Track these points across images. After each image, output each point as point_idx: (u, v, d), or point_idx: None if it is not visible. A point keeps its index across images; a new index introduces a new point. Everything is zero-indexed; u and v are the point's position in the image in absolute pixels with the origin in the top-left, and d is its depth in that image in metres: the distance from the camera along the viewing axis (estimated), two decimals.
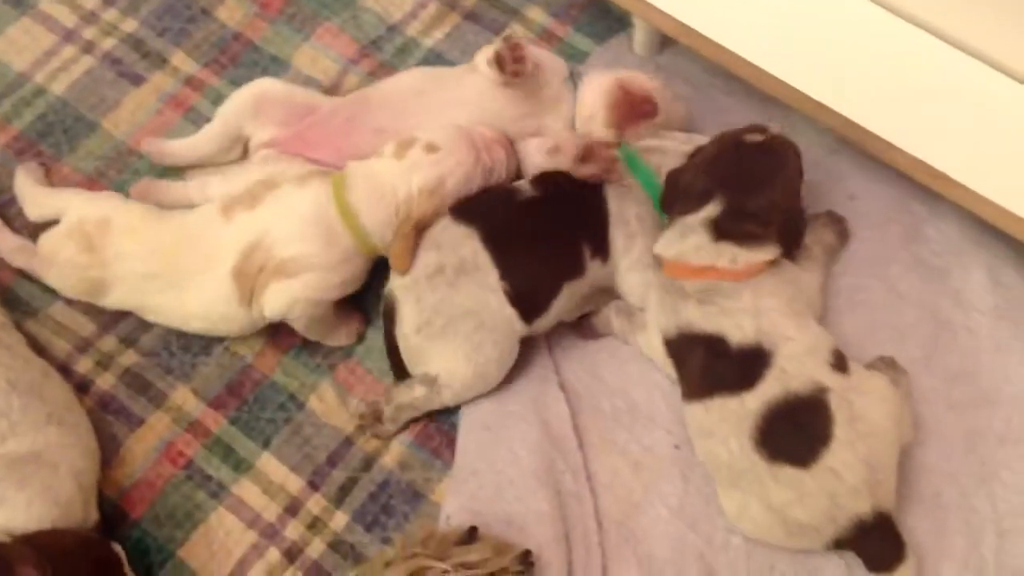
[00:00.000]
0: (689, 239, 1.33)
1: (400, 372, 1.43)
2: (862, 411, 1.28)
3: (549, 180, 1.45)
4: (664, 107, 1.51)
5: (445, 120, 1.47)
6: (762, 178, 1.33)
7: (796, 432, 1.27)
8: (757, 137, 1.35)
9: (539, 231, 1.40)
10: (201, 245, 1.40)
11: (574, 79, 1.56)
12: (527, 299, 1.38)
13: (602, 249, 1.41)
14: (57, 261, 1.43)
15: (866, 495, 1.27)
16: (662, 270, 1.37)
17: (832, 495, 1.26)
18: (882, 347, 1.43)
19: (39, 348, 1.44)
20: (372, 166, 1.43)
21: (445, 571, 1.22)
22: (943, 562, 1.33)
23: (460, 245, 1.38)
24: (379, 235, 1.41)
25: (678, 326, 1.33)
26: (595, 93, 1.50)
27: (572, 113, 1.54)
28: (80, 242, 1.41)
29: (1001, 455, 1.39)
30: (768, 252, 1.32)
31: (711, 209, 1.32)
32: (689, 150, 1.43)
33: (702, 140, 1.46)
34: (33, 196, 1.49)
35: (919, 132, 1.40)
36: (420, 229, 1.40)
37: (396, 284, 1.40)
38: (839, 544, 1.30)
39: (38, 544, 1.19)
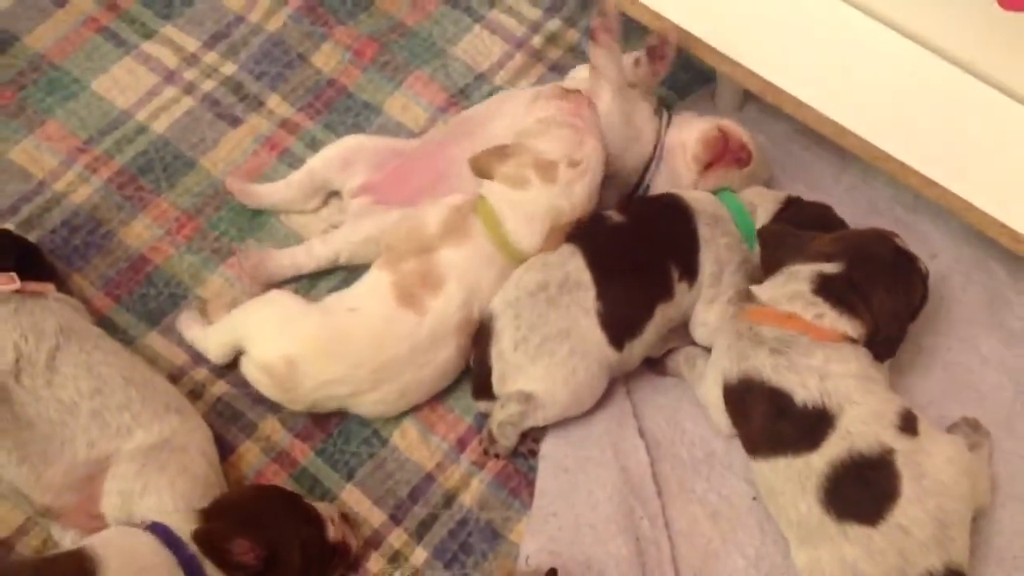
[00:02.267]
0: (789, 285, 1.36)
1: (480, 391, 1.46)
2: (931, 470, 1.30)
3: (634, 207, 1.52)
4: (755, 159, 1.54)
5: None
6: (892, 277, 1.37)
7: (863, 490, 1.29)
8: (905, 246, 1.40)
9: (632, 254, 1.45)
10: (400, 343, 1.42)
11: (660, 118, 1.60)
12: (619, 322, 1.41)
13: (690, 272, 1.45)
14: (261, 387, 1.46)
15: (936, 551, 1.28)
16: (743, 315, 1.39)
17: (902, 551, 1.27)
18: (964, 408, 1.45)
19: None
20: (521, 196, 1.46)
21: None
22: None
23: (566, 262, 1.43)
24: (533, 249, 1.46)
25: (744, 372, 1.35)
26: (693, 130, 1.54)
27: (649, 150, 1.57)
28: (275, 381, 1.44)
29: None
30: (854, 329, 1.34)
31: (828, 267, 1.35)
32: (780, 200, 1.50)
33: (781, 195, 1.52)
34: (205, 339, 1.51)
35: (999, 193, 1.42)
36: None
37: (496, 301, 1.43)
38: None
39: (244, 507, 1.29)
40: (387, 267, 1.46)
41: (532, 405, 1.41)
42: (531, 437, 1.47)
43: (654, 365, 1.51)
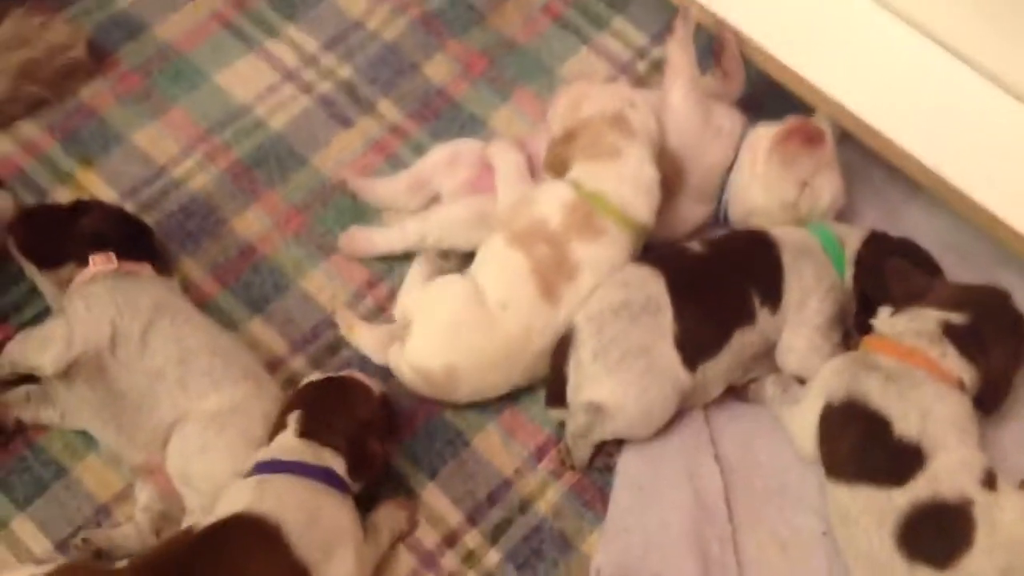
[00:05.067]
0: (916, 323, 1.42)
1: (554, 398, 1.51)
2: (1004, 525, 1.33)
3: (717, 239, 1.58)
4: (832, 144, 1.58)
5: None
6: (1010, 337, 1.44)
7: (938, 534, 1.32)
8: (1018, 309, 1.47)
9: (713, 279, 1.51)
10: (544, 337, 1.50)
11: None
12: (694, 343, 1.46)
13: (772, 298, 1.49)
14: (412, 384, 1.53)
15: None
16: (861, 342, 1.45)
17: None
18: None
19: None
20: (623, 165, 1.52)
21: None
22: None
23: (647, 284, 1.48)
24: (654, 214, 1.54)
25: (850, 393, 1.39)
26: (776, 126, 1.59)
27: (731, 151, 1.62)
28: (431, 385, 1.51)
29: None
30: (969, 377, 1.40)
31: (955, 316, 1.41)
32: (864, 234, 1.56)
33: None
34: (407, 287, 1.59)
35: None
36: None
37: (581, 316, 1.48)
38: None
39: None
40: (520, 248, 1.50)
41: (600, 416, 1.46)
42: (607, 451, 1.52)
43: (736, 391, 1.55)
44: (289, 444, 1.37)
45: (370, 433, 1.42)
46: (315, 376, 1.48)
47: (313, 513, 1.31)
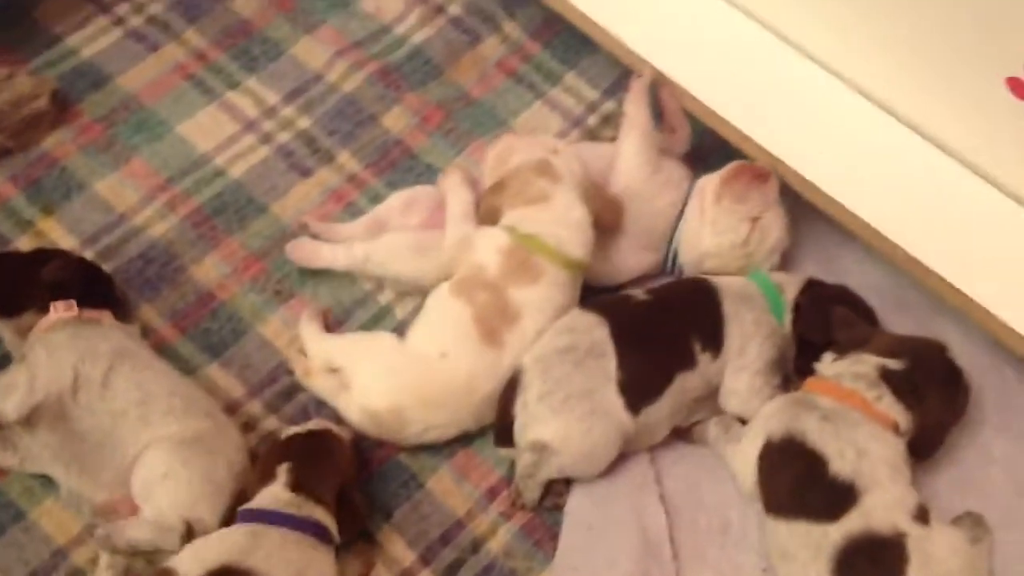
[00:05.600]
0: (855, 367, 1.48)
1: (502, 438, 1.56)
2: (936, 557, 1.39)
3: (660, 288, 1.65)
4: (776, 182, 1.65)
5: None
6: (945, 386, 1.52)
7: (872, 567, 1.38)
8: (954, 360, 1.54)
9: (655, 325, 1.56)
10: (488, 381, 1.55)
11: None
12: (636, 387, 1.51)
13: (713, 344, 1.55)
14: (363, 428, 1.57)
15: None
16: (806, 383, 1.52)
17: None
18: (967, 503, 1.53)
19: None
20: (552, 209, 1.59)
21: None
22: None
23: (592, 331, 1.54)
24: (590, 249, 1.61)
25: (789, 431, 1.45)
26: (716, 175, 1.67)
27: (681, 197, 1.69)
28: (381, 427, 1.56)
29: None
30: (904, 421, 1.47)
31: (892, 362, 1.48)
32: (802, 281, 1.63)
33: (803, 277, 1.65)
34: (313, 343, 1.63)
35: (1014, 300, 1.52)
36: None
37: (528, 358, 1.54)
38: None
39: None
40: (462, 296, 1.57)
41: (547, 455, 1.51)
42: (556, 492, 1.56)
43: (681, 433, 1.60)
44: (280, 496, 1.40)
45: (352, 488, 1.46)
46: (296, 429, 1.51)
47: (302, 570, 1.35)
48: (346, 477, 1.47)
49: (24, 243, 1.71)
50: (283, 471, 1.42)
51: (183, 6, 1.96)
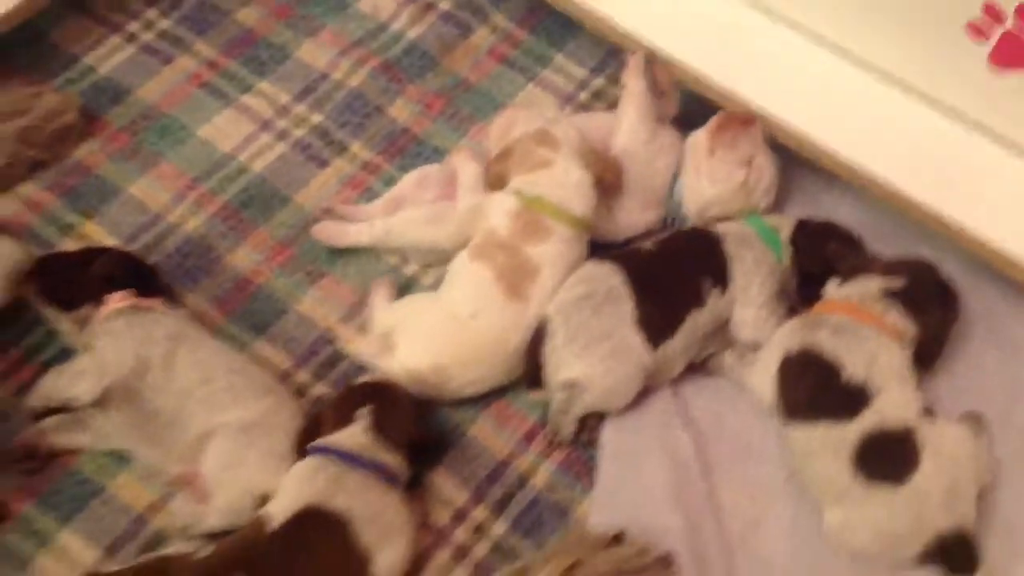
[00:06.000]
0: (860, 288, 1.65)
1: (532, 382, 1.70)
2: (944, 448, 1.55)
3: (666, 238, 1.79)
4: (760, 128, 1.80)
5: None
6: (942, 300, 1.69)
7: (888, 457, 1.54)
8: (944, 276, 1.71)
9: (665, 270, 1.71)
10: (518, 332, 1.69)
11: None
12: (654, 325, 1.66)
13: (720, 282, 1.70)
14: (409, 386, 1.68)
15: (947, 515, 1.52)
16: (816, 306, 1.67)
17: (918, 512, 1.52)
18: (966, 408, 1.68)
19: None
20: (553, 173, 1.74)
21: (601, 563, 1.47)
22: None
23: (608, 278, 1.68)
24: (593, 206, 1.76)
25: (805, 345, 1.61)
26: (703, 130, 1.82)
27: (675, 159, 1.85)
28: (424, 385, 1.68)
29: None
30: (908, 329, 1.63)
31: (894, 282, 1.65)
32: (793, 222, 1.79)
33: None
34: (377, 314, 1.76)
35: (988, 221, 1.70)
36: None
37: (551, 308, 1.68)
38: (925, 557, 1.54)
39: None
40: (482, 260, 1.70)
41: (576, 392, 1.64)
42: (589, 428, 1.70)
43: (697, 367, 1.74)
44: (359, 438, 1.52)
45: (419, 434, 1.60)
46: (366, 378, 1.64)
47: (379, 510, 1.48)
48: (416, 424, 1.59)
49: (69, 246, 1.81)
50: (363, 415, 1.55)
51: (190, 20, 2.08)
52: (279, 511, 1.46)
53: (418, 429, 1.60)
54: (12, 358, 1.71)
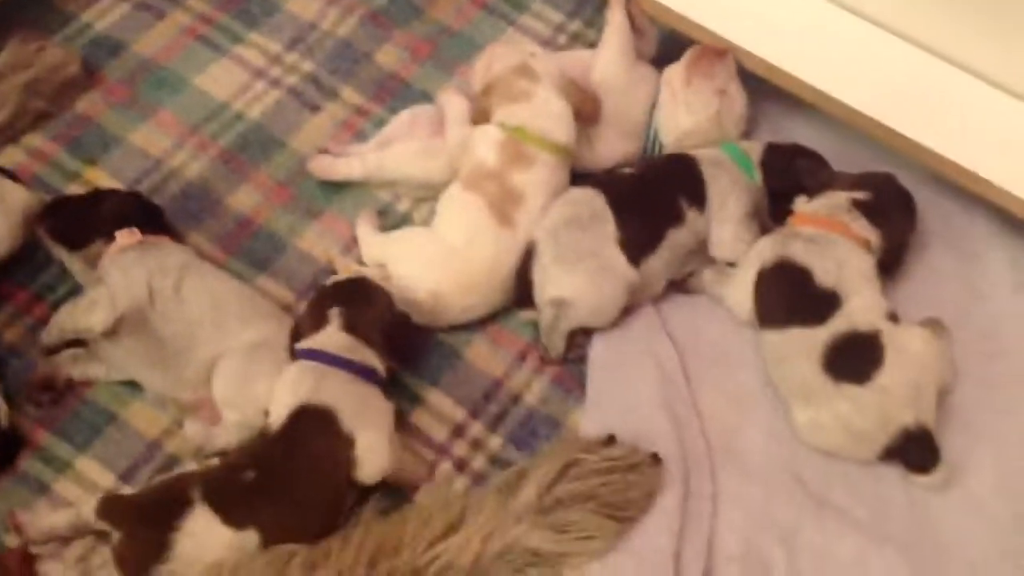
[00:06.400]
0: (829, 201, 1.76)
1: (521, 301, 1.80)
2: (908, 347, 1.66)
3: (645, 162, 1.91)
4: (733, 59, 1.90)
5: None
6: (902, 209, 1.81)
7: (856, 358, 1.64)
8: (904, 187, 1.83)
9: (645, 192, 1.81)
10: (510, 257, 1.79)
11: None
12: (636, 243, 1.76)
13: (697, 201, 1.80)
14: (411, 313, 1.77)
15: (911, 410, 1.63)
16: (788, 221, 1.78)
17: (883, 408, 1.63)
18: (927, 313, 1.78)
19: None
20: (534, 105, 1.83)
21: (595, 461, 1.58)
22: (970, 471, 1.68)
23: (592, 201, 1.78)
24: (573, 135, 1.86)
25: (779, 256, 1.72)
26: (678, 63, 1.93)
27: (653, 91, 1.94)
28: (422, 311, 1.76)
29: (1019, 393, 1.76)
30: (875, 239, 1.74)
31: (859, 194, 1.76)
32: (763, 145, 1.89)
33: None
34: (366, 242, 1.85)
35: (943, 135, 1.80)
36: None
37: (539, 230, 1.77)
38: (889, 453, 1.65)
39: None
40: (472, 190, 1.80)
41: (564, 308, 1.74)
42: (578, 344, 1.79)
43: (678, 286, 1.85)
44: (335, 339, 1.62)
45: (396, 327, 1.70)
46: (338, 277, 1.74)
47: (359, 400, 1.60)
48: (391, 318, 1.69)
49: (76, 191, 1.90)
50: (335, 315, 1.64)
51: None
52: (276, 416, 1.58)
53: (393, 323, 1.70)
54: (25, 298, 1.80)
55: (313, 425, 1.56)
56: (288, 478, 1.54)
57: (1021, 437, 1.71)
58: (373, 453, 1.58)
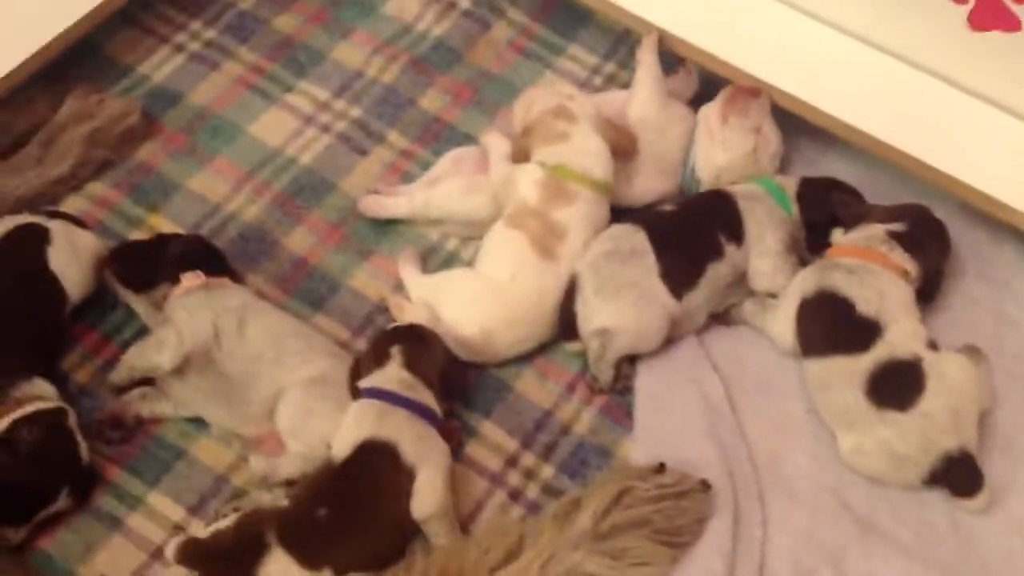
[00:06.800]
0: (866, 233, 1.83)
1: (567, 333, 1.87)
2: (948, 374, 1.71)
3: (684, 200, 1.98)
4: (767, 99, 1.97)
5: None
6: (938, 239, 1.87)
7: (897, 385, 1.70)
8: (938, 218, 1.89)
9: (684, 227, 1.88)
10: (555, 291, 1.86)
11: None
12: (676, 276, 1.83)
13: (736, 236, 1.87)
14: (460, 352, 1.83)
15: (952, 435, 1.68)
16: (827, 253, 1.85)
17: (925, 433, 1.68)
18: (962, 338, 1.85)
19: None
20: (572, 144, 1.91)
21: (647, 489, 1.64)
22: (1013, 494, 1.74)
23: (631, 236, 1.86)
24: (611, 171, 1.93)
25: (821, 286, 1.78)
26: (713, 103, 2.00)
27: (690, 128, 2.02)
28: (473, 349, 1.84)
29: None
30: (913, 269, 1.80)
31: (895, 226, 1.83)
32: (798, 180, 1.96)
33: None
34: (412, 283, 1.92)
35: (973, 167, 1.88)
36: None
37: (580, 264, 1.85)
38: (933, 478, 1.70)
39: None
40: (516, 227, 1.87)
41: (608, 337, 1.80)
42: (625, 376, 1.86)
43: (720, 318, 1.91)
44: (396, 376, 1.70)
45: (451, 370, 1.77)
46: (399, 323, 1.81)
47: (418, 437, 1.66)
48: (448, 361, 1.77)
49: (140, 236, 1.98)
50: (397, 352, 1.72)
51: (233, 29, 2.25)
52: (340, 450, 1.65)
53: (447, 365, 1.77)
54: (94, 340, 1.88)
55: (377, 458, 1.63)
56: (357, 512, 1.60)
57: None
58: (430, 489, 1.64)
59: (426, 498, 1.64)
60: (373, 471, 1.63)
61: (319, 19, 2.30)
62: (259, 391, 1.75)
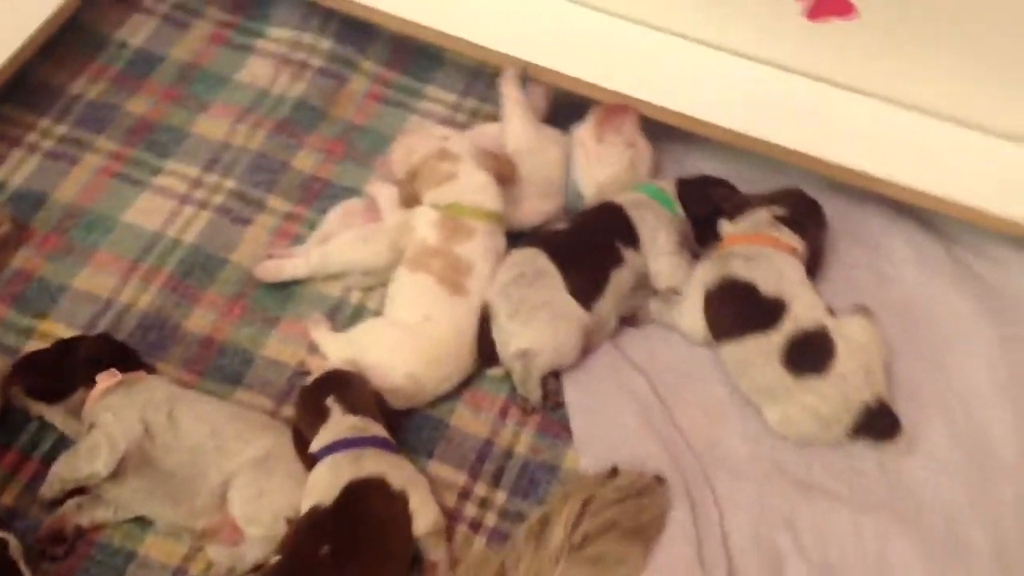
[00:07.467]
0: (752, 219, 1.95)
1: (487, 359, 1.92)
2: (852, 335, 1.85)
3: (574, 216, 2.05)
4: (636, 114, 2.08)
5: None
6: (815, 218, 2.01)
7: (811, 353, 1.83)
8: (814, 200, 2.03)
9: (582, 241, 1.97)
10: (470, 325, 1.91)
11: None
12: (583, 289, 1.91)
13: (632, 242, 1.96)
14: (393, 401, 1.86)
15: (867, 389, 1.82)
16: (721, 243, 1.95)
17: (844, 392, 1.81)
18: (851, 301, 1.97)
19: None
20: (461, 182, 1.96)
21: (607, 494, 1.70)
22: (925, 434, 1.89)
23: (534, 259, 1.93)
24: (501, 200, 2.00)
25: (723, 276, 1.89)
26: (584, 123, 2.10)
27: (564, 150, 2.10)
28: (404, 395, 1.86)
29: (943, 354, 1.99)
30: (798, 245, 1.93)
31: (777, 209, 1.95)
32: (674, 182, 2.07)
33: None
34: (327, 344, 1.92)
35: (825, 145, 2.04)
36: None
37: (491, 292, 1.90)
38: (857, 430, 1.83)
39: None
40: (419, 269, 1.91)
41: (529, 357, 1.87)
42: (553, 392, 1.91)
43: (629, 320, 2.00)
44: (345, 423, 1.71)
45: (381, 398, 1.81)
46: (312, 376, 1.83)
47: (397, 465, 1.71)
48: (375, 394, 1.80)
49: (34, 347, 1.90)
50: (332, 402, 1.73)
51: (85, 121, 2.20)
52: (324, 497, 1.66)
53: (377, 395, 1.81)
54: (12, 460, 1.80)
55: (368, 491, 1.66)
56: (362, 544, 1.62)
57: (957, 394, 1.93)
58: (425, 507, 1.69)
59: (427, 515, 1.69)
60: (369, 502, 1.65)
61: (171, 97, 2.27)
62: (206, 482, 1.71)
